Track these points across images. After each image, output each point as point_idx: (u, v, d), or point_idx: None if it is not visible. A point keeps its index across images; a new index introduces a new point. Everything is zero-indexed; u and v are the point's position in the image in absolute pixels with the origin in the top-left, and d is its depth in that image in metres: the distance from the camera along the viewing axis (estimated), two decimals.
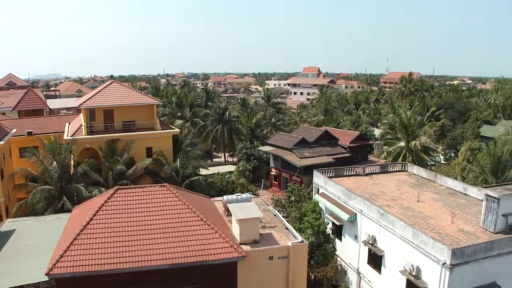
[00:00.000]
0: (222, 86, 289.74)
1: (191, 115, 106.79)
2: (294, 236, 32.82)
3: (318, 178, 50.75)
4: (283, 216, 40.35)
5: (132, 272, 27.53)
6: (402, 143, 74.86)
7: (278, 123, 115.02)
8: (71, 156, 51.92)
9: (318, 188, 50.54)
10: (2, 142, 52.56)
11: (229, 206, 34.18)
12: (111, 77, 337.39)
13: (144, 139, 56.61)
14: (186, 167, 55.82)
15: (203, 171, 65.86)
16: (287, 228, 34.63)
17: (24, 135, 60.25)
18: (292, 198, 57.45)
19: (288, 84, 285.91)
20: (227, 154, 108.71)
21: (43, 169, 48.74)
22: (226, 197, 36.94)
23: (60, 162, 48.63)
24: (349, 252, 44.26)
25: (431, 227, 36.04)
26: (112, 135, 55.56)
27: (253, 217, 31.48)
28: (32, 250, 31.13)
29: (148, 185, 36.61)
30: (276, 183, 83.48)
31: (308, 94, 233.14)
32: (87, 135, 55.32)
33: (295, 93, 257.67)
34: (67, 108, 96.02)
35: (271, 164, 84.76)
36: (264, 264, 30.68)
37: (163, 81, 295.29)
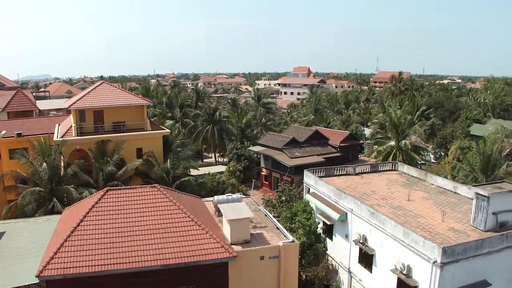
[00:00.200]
0: (212, 86, 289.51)
1: (181, 115, 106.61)
2: (285, 236, 32.87)
3: (309, 178, 50.81)
4: (274, 216, 40.47)
5: (123, 273, 27.44)
6: (393, 142, 75.09)
7: (269, 123, 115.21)
8: (61, 157, 51.62)
9: (309, 188, 50.61)
10: None
11: (220, 206, 34.19)
12: (101, 77, 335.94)
13: (135, 140, 56.39)
14: (177, 167, 55.79)
15: (193, 172, 65.74)
16: (278, 228, 34.68)
17: (13, 137, 59.68)
18: (283, 198, 57.48)
19: (278, 84, 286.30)
20: (217, 155, 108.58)
21: (33, 170, 48.49)
22: (216, 197, 36.99)
23: (50, 163, 48.41)
24: (340, 252, 44.36)
25: (422, 225, 36.18)
26: (102, 136, 55.28)
27: (244, 217, 31.50)
28: (22, 252, 30.94)
29: (139, 186, 36.57)
30: (267, 183, 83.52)
31: (298, 94, 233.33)
32: (77, 136, 55.03)
33: (285, 93, 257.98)
34: (57, 109, 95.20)
35: (262, 164, 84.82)
36: (255, 264, 30.70)
37: (153, 81, 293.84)
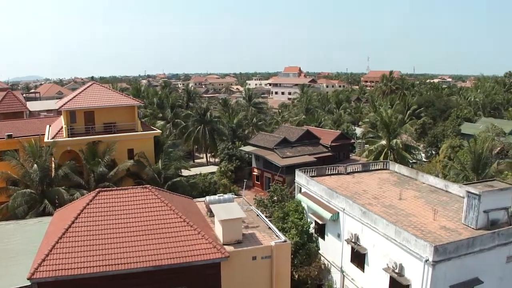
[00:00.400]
0: (204, 87, 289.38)
1: (172, 116, 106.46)
2: (277, 236, 32.86)
3: (300, 178, 50.85)
4: (266, 216, 40.41)
5: (115, 274, 27.34)
6: (384, 142, 75.28)
7: (260, 123, 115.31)
8: (52, 158, 51.44)
9: (301, 188, 50.63)
10: None
11: (211, 207, 34.11)
12: (92, 78, 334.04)
13: (126, 140, 56.20)
14: (168, 168, 55.70)
15: (185, 172, 65.65)
16: (270, 228, 34.66)
17: (4, 138, 59.36)
18: (275, 198, 57.47)
19: (269, 84, 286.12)
20: (209, 155, 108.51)
21: (24, 172, 48.29)
22: (208, 198, 36.90)
23: (41, 165, 48.21)
24: (332, 251, 44.41)
25: (413, 224, 36.31)
26: (93, 137, 55.09)
27: (235, 217, 31.47)
28: (13, 255, 30.76)
29: (130, 187, 36.46)
30: (259, 183, 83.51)
31: (289, 93, 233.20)
32: (68, 137, 54.77)
33: (276, 92, 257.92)
34: (48, 110, 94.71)
35: (253, 164, 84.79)
36: (248, 264, 30.67)
37: (144, 82, 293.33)
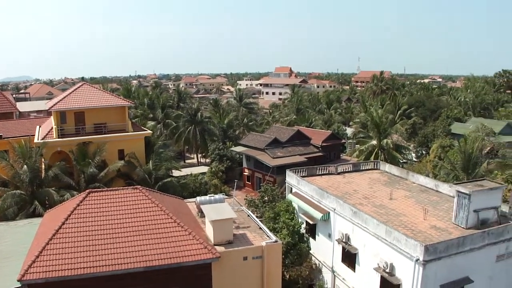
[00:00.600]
0: (194, 87, 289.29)
1: (163, 116, 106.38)
2: (268, 236, 32.84)
3: (291, 178, 50.90)
4: (256, 216, 40.34)
5: (106, 276, 27.21)
6: (374, 142, 75.54)
7: (251, 123, 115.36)
8: (42, 159, 51.18)
9: (291, 188, 50.68)
10: None
11: (202, 207, 34.04)
12: (82, 79, 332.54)
13: (116, 141, 56.05)
14: (159, 169, 55.61)
15: (176, 173, 65.51)
16: (260, 228, 34.63)
17: None
18: (266, 198, 57.56)
19: (260, 84, 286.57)
20: (199, 155, 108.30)
21: (14, 173, 47.98)
22: (199, 198, 36.78)
23: (30, 166, 47.94)
24: (323, 251, 44.48)
25: (404, 224, 36.45)
26: (83, 138, 54.89)
27: (226, 218, 31.42)
28: (3, 256, 30.55)
29: (121, 187, 36.29)
30: (249, 183, 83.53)
31: (280, 94, 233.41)
32: (58, 138, 54.52)
33: (267, 93, 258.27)
34: (38, 111, 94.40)
35: (244, 165, 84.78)
36: (239, 265, 30.64)
37: (134, 82, 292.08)
